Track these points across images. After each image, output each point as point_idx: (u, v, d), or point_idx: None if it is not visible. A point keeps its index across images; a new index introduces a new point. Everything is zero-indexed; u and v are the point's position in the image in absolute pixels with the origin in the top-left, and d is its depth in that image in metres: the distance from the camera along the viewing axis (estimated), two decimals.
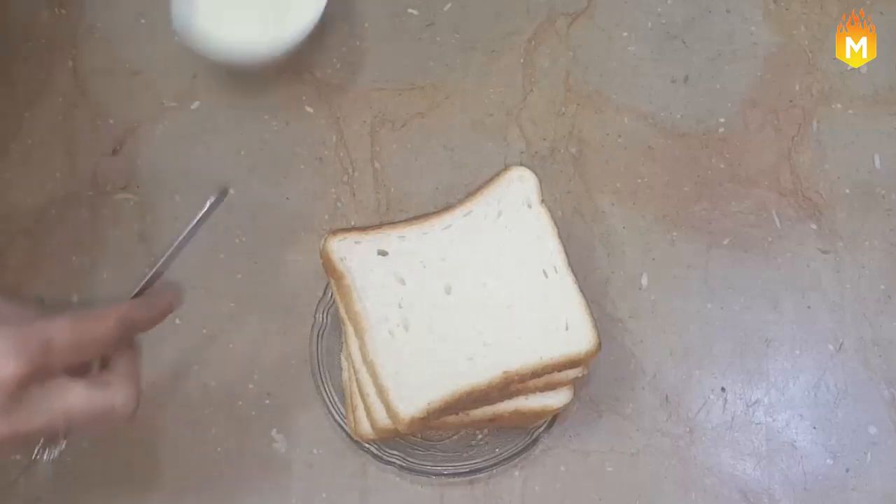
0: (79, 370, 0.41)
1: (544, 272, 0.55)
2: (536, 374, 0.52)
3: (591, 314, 0.53)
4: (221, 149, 0.64)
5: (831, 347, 0.62)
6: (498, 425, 0.56)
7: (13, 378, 0.37)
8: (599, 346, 0.52)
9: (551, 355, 0.52)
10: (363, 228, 0.56)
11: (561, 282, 0.54)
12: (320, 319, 0.58)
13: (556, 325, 0.53)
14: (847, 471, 0.59)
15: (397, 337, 0.53)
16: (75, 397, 0.40)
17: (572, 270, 0.55)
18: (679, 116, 0.69)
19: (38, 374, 0.38)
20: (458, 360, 0.52)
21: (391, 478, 0.57)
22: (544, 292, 0.54)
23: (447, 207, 0.57)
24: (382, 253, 0.55)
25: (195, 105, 0.68)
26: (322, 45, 0.70)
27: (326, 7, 0.64)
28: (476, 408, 0.53)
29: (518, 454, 0.56)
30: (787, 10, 0.73)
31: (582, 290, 0.54)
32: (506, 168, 0.58)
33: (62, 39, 0.69)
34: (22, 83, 0.68)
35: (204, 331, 0.61)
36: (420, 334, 0.53)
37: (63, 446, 0.43)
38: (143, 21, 0.71)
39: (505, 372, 0.51)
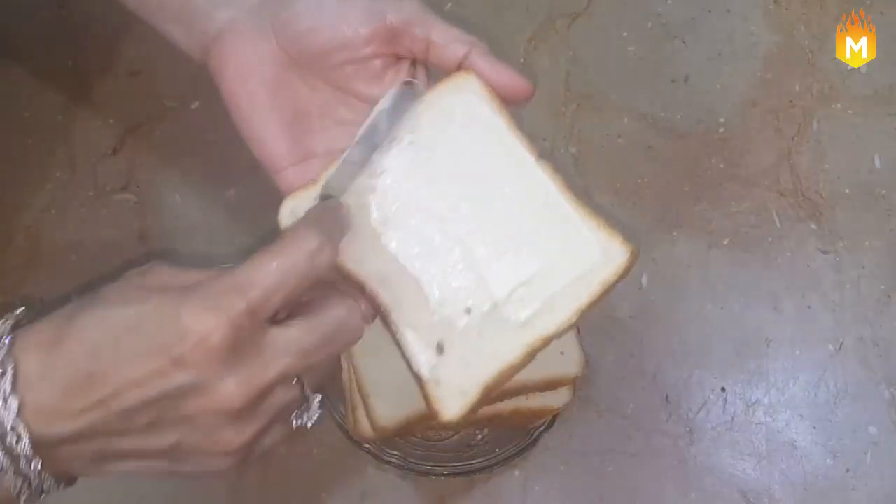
0: None
1: None
2: (515, 393, 0.52)
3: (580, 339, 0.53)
4: (221, 149, 0.64)
5: (831, 347, 0.62)
6: (498, 425, 0.56)
7: (221, 342, 0.33)
8: (586, 365, 0.52)
9: (531, 377, 0.52)
10: None
11: None
12: None
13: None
14: (847, 471, 0.59)
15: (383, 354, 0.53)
16: (296, 331, 0.36)
17: None
18: (679, 116, 0.69)
19: (246, 331, 0.34)
20: None
21: (391, 478, 0.57)
22: None
23: None
24: None
25: (195, 105, 0.67)
26: None
27: None
28: None
29: (518, 454, 0.56)
30: (787, 10, 0.73)
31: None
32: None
33: (62, 39, 0.69)
34: (22, 83, 0.68)
35: None
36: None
37: (318, 404, 0.39)
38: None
39: None
